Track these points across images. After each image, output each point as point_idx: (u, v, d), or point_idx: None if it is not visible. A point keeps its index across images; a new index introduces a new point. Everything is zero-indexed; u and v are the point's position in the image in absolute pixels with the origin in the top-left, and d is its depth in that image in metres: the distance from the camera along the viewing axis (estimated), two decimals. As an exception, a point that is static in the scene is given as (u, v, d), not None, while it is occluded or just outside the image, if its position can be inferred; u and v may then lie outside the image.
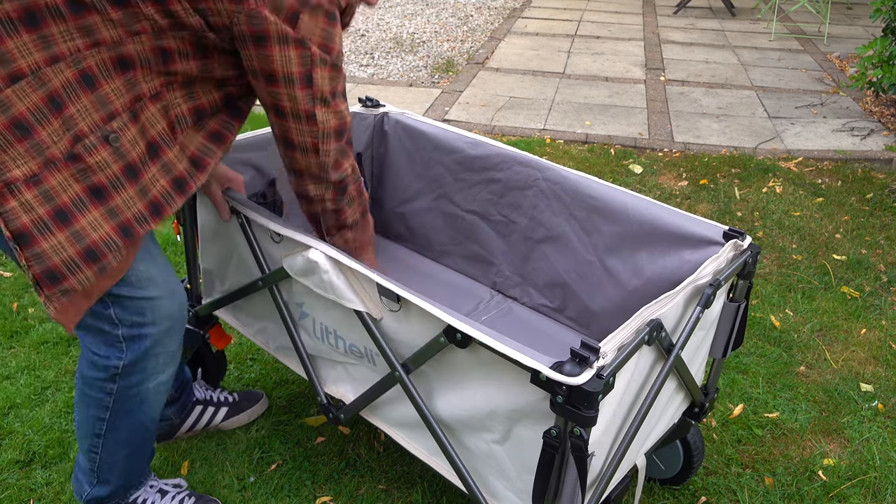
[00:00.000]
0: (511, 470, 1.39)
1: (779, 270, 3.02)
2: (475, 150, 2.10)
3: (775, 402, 2.29)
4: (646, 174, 3.89)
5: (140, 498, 1.72)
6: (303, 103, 1.37)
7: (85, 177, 1.24)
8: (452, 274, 2.26)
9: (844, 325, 2.69)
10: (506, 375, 1.30)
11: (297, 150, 1.44)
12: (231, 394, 2.10)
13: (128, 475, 1.67)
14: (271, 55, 1.30)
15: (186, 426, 2.01)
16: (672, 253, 1.75)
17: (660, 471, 1.95)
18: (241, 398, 2.10)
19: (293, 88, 1.34)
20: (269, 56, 1.30)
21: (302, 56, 1.31)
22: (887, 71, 4.36)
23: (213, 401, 2.05)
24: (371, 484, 1.93)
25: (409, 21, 7.08)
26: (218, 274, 1.89)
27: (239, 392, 2.12)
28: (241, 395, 2.11)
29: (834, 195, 3.70)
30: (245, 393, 2.13)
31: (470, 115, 4.66)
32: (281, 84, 1.34)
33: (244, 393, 2.13)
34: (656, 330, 1.33)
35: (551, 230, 1.99)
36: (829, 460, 2.09)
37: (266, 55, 1.30)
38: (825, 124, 4.66)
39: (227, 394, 2.09)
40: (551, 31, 6.81)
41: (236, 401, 2.08)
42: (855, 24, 7.43)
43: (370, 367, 1.60)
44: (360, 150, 2.30)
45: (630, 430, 1.40)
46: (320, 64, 1.34)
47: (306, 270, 1.54)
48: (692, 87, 5.33)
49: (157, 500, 1.74)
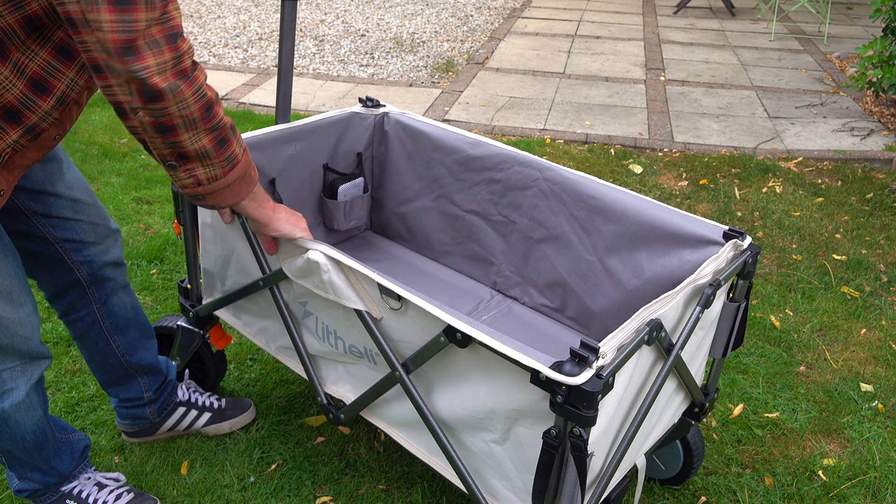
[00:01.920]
0: (511, 470, 1.40)
1: (779, 270, 3.02)
2: (475, 150, 2.10)
3: (775, 402, 2.29)
4: (646, 174, 3.89)
5: (76, 489, 1.75)
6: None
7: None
8: (452, 274, 2.26)
9: (844, 325, 2.69)
10: (505, 375, 1.30)
11: (77, 27, 1.12)
12: (219, 399, 2.08)
13: (46, 471, 1.69)
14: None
15: (167, 426, 2.01)
16: (672, 253, 1.75)
17: (660, 471, 1.95)
18: (227, 406, 2.08)
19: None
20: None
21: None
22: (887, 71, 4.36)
23: (198, 404, 2.03)
24: (371, 484, 1.93)
25: (409, 21, 7.08)
26: (218, 274, 1.89)
27: (228, 399, 2.10)
28: (228, 402, 2.09)
29: (834, 195, 3.70)
30: (233, 401, 2.10)
31: (470, 115, 4.66)
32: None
33: (232, 400, 2.10)
34: (656, 330, 1.33)
35: (551, 230, 1.99)
36: (829, 460, 2.09)
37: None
38: (825, 124, 4.66)
39: (214, 399, 2.07)
40: (551, 31, 6.81)
41: (221, 408, 2.06)
42: (855, 24, 7.43)
43: (370, 367, 1.61)
44: (361, 150, 2.30)
45: (630, 430, 1.40)
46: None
47: (306, 271, 1.54)
48: (692, 87, 5.33)
49: (95, 492, 1.76)
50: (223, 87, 5.03)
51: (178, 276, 2.80)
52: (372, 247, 2.39)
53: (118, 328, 1.80)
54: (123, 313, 1.80)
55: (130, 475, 1.93)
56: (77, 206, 1.62)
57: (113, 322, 1.79)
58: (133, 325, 1.83)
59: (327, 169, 2.23)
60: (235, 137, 1.32)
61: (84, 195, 1.64)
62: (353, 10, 7.46)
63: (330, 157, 2.22)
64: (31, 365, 1.54)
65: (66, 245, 1.64)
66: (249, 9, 7.33)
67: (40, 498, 1.74)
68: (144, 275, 2.79)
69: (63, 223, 1.61)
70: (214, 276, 1.90)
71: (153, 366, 1.91)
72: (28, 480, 1.70)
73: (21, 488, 1.71)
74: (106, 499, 1.77)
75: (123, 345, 1.82)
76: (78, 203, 1.62)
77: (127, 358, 1.84)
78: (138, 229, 3.11)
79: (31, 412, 1.58)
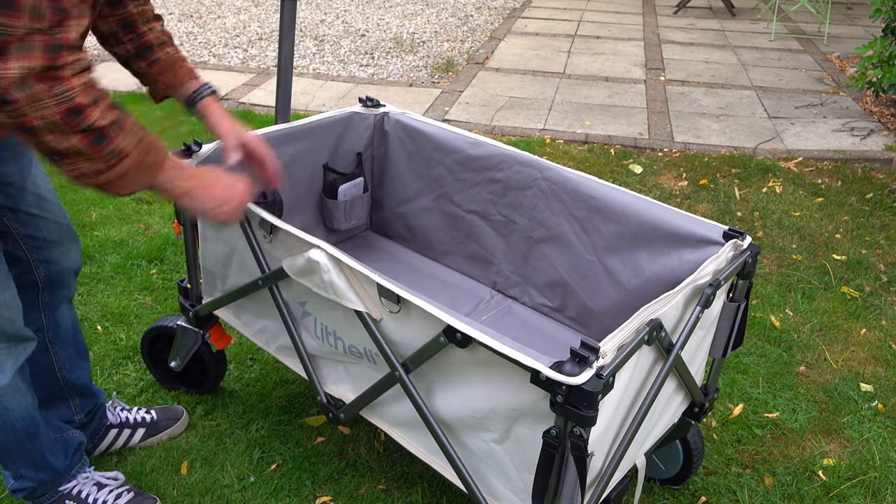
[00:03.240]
0: (511, 469, 1.40)
1: (779, 270, 3.02)
2: (475, 150, 2.10)
3: (775, 402, 2.29)
4: (646, 174, 3.89)
5: (76, 489, 1.74)
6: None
7: None
8: (452, 274, 2.26)
9: (844, 325, 2.68)
10: (505, 375, 1.30)
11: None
12: (149, 412, 2.03)
13: (40, 467, 1.68)
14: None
15: (100, 450, 1.98)
16: (672, 253, 1.75)
17: (660, 471, 1.95)
18: (159, 416, 2.04)
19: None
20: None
21: None
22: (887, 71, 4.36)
23: (129, 422, 2.00)
24: (371, 484, 1.93)
25: (409, 21, 7.08)
26: (218, 274, 1.89)
27: (157, 408, 2.06)
28: (159, 412, 2.05)
29: (834, 195, 3.70)
30: (164, 409, 2.06)
31: (470, 115, 4.66)
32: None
33: (163, 409, 2.06)
34: (656, 330, 1.33)
35: (551, 230, 1.99)
36: (829, 460, 2.09)
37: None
38: (825, 124, 4.66)
39: (143, 413, 2.03)
40: (551, 31, 6.81)
41: (154, 420, 2.03)
42: (855, 24, 7.43)
43: (370, 367, 1.61)
44: (361, 150, 2.30)
45: (630, 430, 1.40)
46: None
47: (307, 270, 1.54)
48: (692, 87, 5.33)
49: (94, 491, 1.75)
50: (223, 87, 5.03)
51: (178, 275, 2.80)
52: (372, 247, 2.39)
53: (60, 341, 1.77)
54: (65, 327, 1.78)
55: (130, 475, 1.93)
56: (42, 203, 1.61)
57: (56, 333, 1.76)
58: (72, 341, 1.81)
59: (327, 169, 2.23)
60: (122, 132, 1.25)
61: (49, 193, 1.63)
62: (353, 10, 7.46)
63: (330, 156, 2.22)
64: (16, 347, 1.54)
65: (30, 242, 1.62)
66: (249, 9, 7.33)
67: (39, 498, 1.74)
68: (144, 275, 2.79)
69: (28, 219, 1.59)
70: (214, 275, 1.90)
71: (87, 387, 1.88)
72: (23, 479, 1.70)
73: (17, 487, 1.71)
74: (105, 498, 1.76)
75: (62, 359, 1.79)
76: (43, 200, 1.61)
77: (64, 373, 1.81)
78: (138, 229, 3.11)
79: (19, 398, 1.57)
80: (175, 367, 2.08)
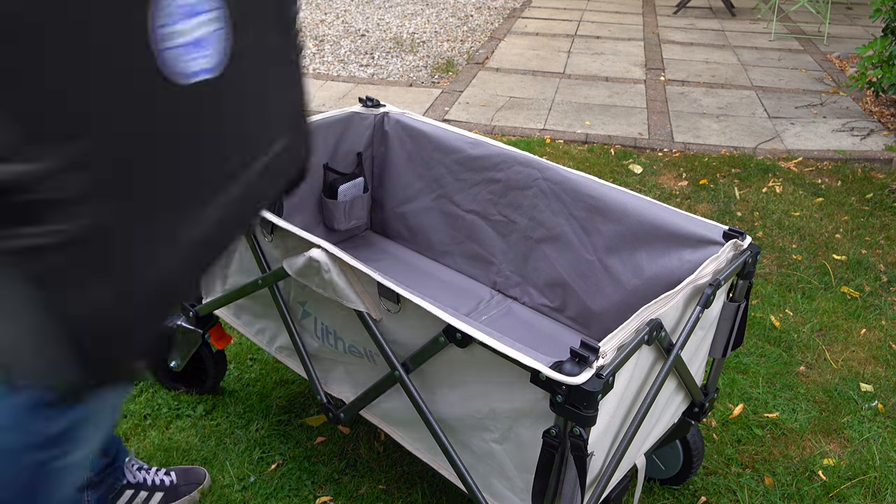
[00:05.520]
0: (511, 469, 1.40)
1: (779, 270, 3.02)
2: (475, 150, 2.10)
3: (775, 402, 2.29)
4: (646, 174, 3.89)
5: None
6: None
7: None
8: (452, 274, 2.26)
9: (844, 325, 2.69)
10: (506, 375, 1.30)
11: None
12: (168, 473, 1.89)
13: None
14: None
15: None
16: (672, 253, 1.75)
17: (660, 471, 1.95)
18: (179, 479, 1.89)
19: None
20: None
21: None
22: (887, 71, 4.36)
23: (147, 484, 1.85)
24: (371, 484, 1.93)
25: (409, 21, 7.08)
26: (218, 273, 1.89)
27: (178, 470, 1.91)
28: (179, 473, 1.90)
29: (834, 195, 3.70)
30: (184, 471, 1.92)
31: (470, 115, 4.67)
32: None
33: (183, 471, 1.92)
34: (656, 330, 1.34)
35: (551, 230, 1.99)
36: (829, 460, 2.09)
37: None
38: (825, 124, 4.66)
39: (163, 474, 1.88)
40: (551, 31, 6.81)
41: (174, 483, 1.88)
42: (855, 24, 7.43)
43: (370, 367, 1.61)
44: (361, 150, 2.30)
45: (630, 430, 1.40)
46: None
47: (307, 270, 1.54)
48: (692, 87, 5.33)
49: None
50: (223, 87, 5.02)
51: (178, 275, 2.80)
52: (372, 247, 2.39)
53: None
54: None
55: (130, 475, 1.93)
56: None
57: None
58: None
59: (327, 169, 2.23)
60: None
61: None
62: (353, 10, 7.46)
63: (330, 156, 2.22)
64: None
65: None
66: (249, 9, 7.32)
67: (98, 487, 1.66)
68: (144, 275, 2.79)
69: None
70: (214, 275, 1.90)
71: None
72: None
73: None
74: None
75: None
76: None
77: None
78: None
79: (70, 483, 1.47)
80: (175, 367, 2.08)
